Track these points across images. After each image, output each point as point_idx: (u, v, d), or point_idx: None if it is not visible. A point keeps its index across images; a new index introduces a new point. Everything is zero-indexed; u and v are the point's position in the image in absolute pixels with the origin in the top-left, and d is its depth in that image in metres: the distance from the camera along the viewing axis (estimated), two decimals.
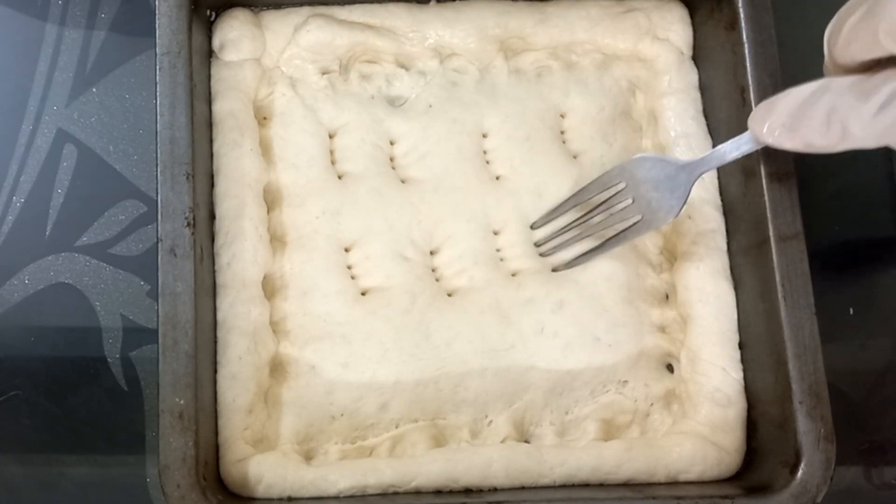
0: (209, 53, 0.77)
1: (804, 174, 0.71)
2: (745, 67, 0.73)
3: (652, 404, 0.75)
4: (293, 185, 0.76)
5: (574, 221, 0.74)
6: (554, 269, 0.75)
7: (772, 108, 0.53)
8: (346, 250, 0.76)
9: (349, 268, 0.75)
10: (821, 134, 0.51)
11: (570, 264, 0.74)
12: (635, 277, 0.76)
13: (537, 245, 0.75)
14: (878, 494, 0.80)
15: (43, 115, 0.84)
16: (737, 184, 0.75)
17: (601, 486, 0.70)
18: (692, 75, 0.80)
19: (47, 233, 0.82)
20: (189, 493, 0.64)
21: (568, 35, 0.80)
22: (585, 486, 0.70)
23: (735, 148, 0.66)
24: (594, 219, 0.72)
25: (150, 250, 0.81)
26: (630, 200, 0.70)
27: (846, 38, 0.50)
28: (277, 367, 0.73)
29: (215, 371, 0.70)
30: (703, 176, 0.77)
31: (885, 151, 0.86)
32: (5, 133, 0.83)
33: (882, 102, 0.48)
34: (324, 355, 0.72)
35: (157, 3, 0.71)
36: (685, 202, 0.68)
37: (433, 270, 0.76)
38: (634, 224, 0.70)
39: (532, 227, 0.75)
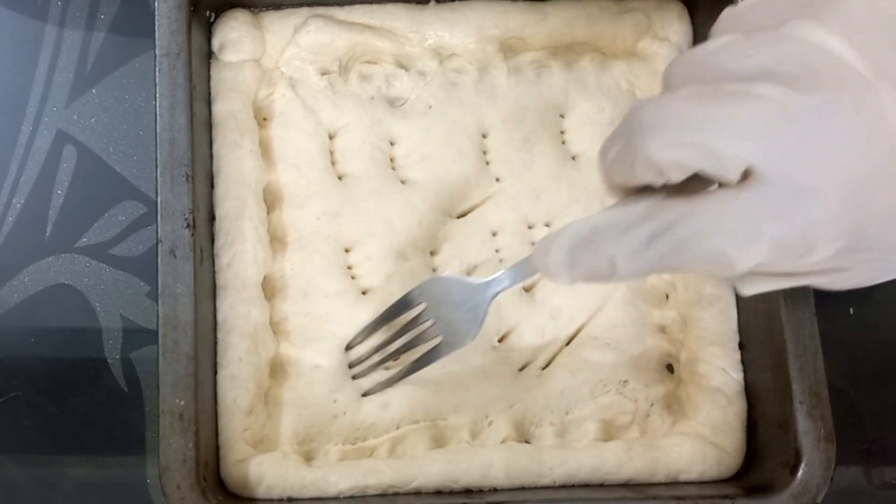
0: (209, 54, 0.77)
1: None
2: None
3: (652, 404, 0.75)
4: (293, 186, 0.76)
5: (383, 343, 0.72)
6: (364, 394, 0.72)
7: (553, 242, 0.54)
8: (347, 251, 0.76)
9: (349, 268, 0.75)
10: (594, 273, 0.52)
11: (378, 388, 0.72)
12: None
13: (350, 366, 0.73)
14: (879, 494, 0.80)
15: (42, 116, 0.84)
16: None
17: (601, 486, 0.70)
18: None
19: (47, 234, 0.82)
20: (189, 494, 0.64)
21: (567, 35, 0.80)
22: (585, 486, 0.70)
23: (523, 273, 0.64)
24: (399, 340, 0.71)
25: (149, 251, 0.81)
26: (431, 321, 0.69)
27: (611, 165, 0.52)
28: (278, 368, 0.73)
29: (215, 372, 0.70)
30: None
31: None
32: (5, 134, 0.83)
33: (645, 242, 0.49)
34: (325, 356, 0.72)
35: (156, 4, 0.71)
36: (482, 323, 0.67)
37: (433, 271, 0.76)
38: (436, 346, 0.69)
39: (346, 349, 0.73)
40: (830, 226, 0.46)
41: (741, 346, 0.74)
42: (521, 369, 0.74)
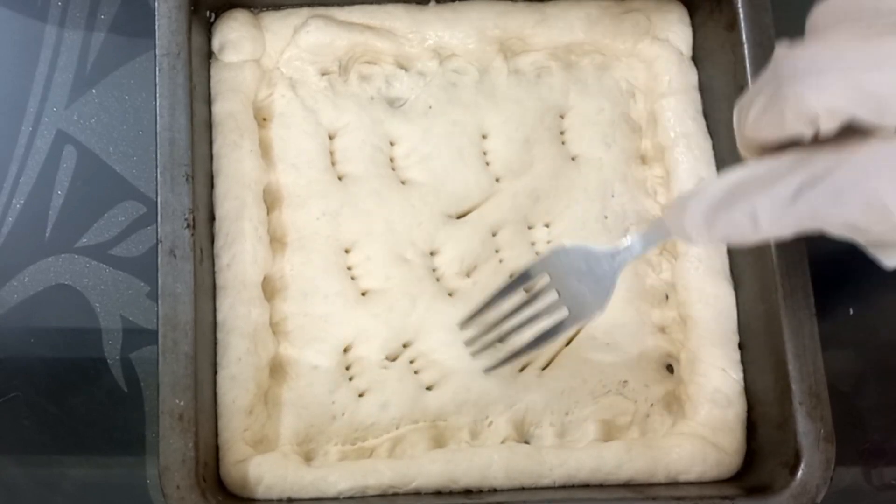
0: (209, 55, 0.77)
1: None
2: (744, 68, 0.73)
3: (652, 405, 0.75)
4: (293, 187, 0.76)
5: (503, 320, 0.70)
6: (485, 370, 0.72)
7: (689, 202, 0.52)
8: (347, 251, 0.76)
9: (349, 269, 0.75)
10: (735, 231, 0.50)
11: (500, 364, 0.71)
12: (635, 277, 0.76)
13: (467, 345, 0.72)
14: (878, 495, 0.80)
15: (42, 116, 0.84)
16: None
17: (601, 486, 0.70)
18: (692, 76, 0.80)
19: (47, 234, 0.82)
20: (189, 494, 0.64)
21: (567, 36, 0.80)
22: (585, 486, 0.70)
23: (655, 238, 0.63)
24: (522, 315, 0.68)
25: (149, 251, 0.81)
26: (556, 295, 0.67)
27: (755, 120, 0.49)
28: (277, 368, 0.73)
29: (215, 372, 0.70)
30: (703, 176, 0.77)
31: None
32: (5, 134, 0.83)
33: (795, 192, 0.47)
34: (324, 356, 0.72)
35: (156, 4, 0.71)
36: (611, 293, 0.65)
37: (433, 271, 0.76)
38: (563, 320, 0.66)
39: (459, 328, 0.72)
40: None
41: (741, 346, 0.74)
42: (521, 370, 0.74)
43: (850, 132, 0.46)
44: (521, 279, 0.68)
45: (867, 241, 0.53)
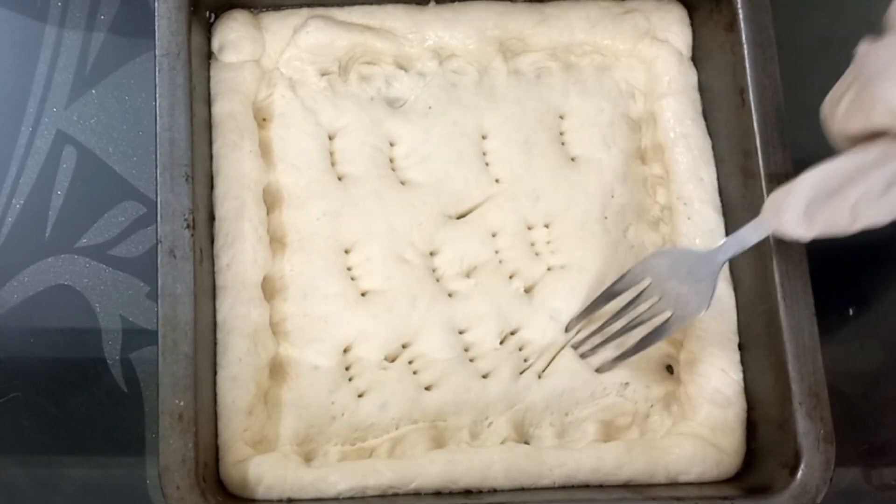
0: (208, 55, 0.77)
1: None
2: (744, 68, 0.73)
3: (652, 406, 0.75)
4: (293, 187, 0.76)
5: (608, 322, 0.72)
6: (598, 370, 0.73)
7: (787, 198, 0.54)
8: (347, 252, 0.76)
9: (349, 269, 0.75)
10: (834, 225, 0.52)
11: (611, 365, 0.72)
12: None
13: (575, 347, 0.74)
14: (878, 495, 0.80)
15: (42, 116, 0.84)
16: (736, 185, 0.75)
17: (601, 487, 0.70)
18: (691, 76, 0.80)
19: (47, 234, 0.82)
20: (189, 495, 0.64)
21: (567, 36, 0.80)
22: (585, 487, 0.70)
23: (754, 235, 0.65)
24: (626, 316, 0.71)
25: (149, 252, 0.81)
26: (657, 297, 0.69)
27: (844, 115, 0.52)
28: (277, 369, 0.73)
29: (215, 372, 0.70)
30: (703, 176, 0.77)
31: None
32: (5, 135, 0.83)
33: (887, 182, 0.49)
34: (324, 356, 0.72)
35: (156, 4, 0.71)
36: (713, 293, 0.67)
37: (433, 271, 0.76)
38: (667, 321, 0.69)
39: (566, 330, 0.74)
40: None
41: (741, 346, 0.74)
42: (522, 371, 0.74)
43: None
44: (625, 281, 0.70)
45: None
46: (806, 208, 0.53)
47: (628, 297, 0.70)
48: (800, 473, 0.67)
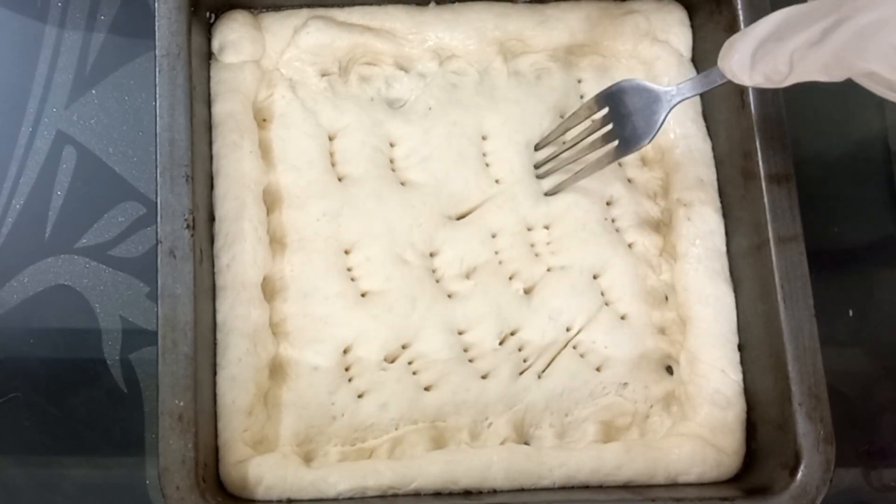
0: (208, 55, 0.77)
1: (803, 176, 0.72)
2: None
3: (651, 406, 0.75)
4: (293, 187, 0.76)
5: (564, 147, 0.76)
6: (546, 193, 0.77)
7: (738, 41, 0.55)
8: (347, 252, 0.75)
9: (349, 270, 0.75)
10: (773, 71, 0.52)
11: (557, 188, 0.77)
12: (635, 279, 0.76)
13: (536, 167, 0.78)
14: (878, 496, 0.80)
15: (42, 117, 0.84)
16: (736, 186, 0.75)
17: (600, 487, 0.70)
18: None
19: (47, 235, 0.82)
20: (188, 495, 0.64)
21: (567, 37, 0.80)
22: (585, 487, 0.70)
23: (707, 79, 0.67)
24: (579, 145, 0.75)
25: (149, 252, 0.81)
26: (611, 126, 0.72)
27: None
28: (277, 369, 0.73)
29: (215, 373, 0.70)
30: (702, 178, 0.77)
31: (884, 153, 0.87)
32: (5, 135, 0.83)
33: (823, 31, 0.48)
34: (324, 357, 0.72)
35: (156, 4, 0.71)
36: (659, 128, 0.70)
37: (433, 272, 0.76)
38: (612, 149, 0.72)
39: (535, 149, 0.78)
40: None
41: (740, 347, 0.74)
42: (521, 371, 0.74)
43: None
44: (587, 108, 0.73)
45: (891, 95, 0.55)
46: (753, 53, 0.53)
47: (586, 125, 0.74)
48: (800, 474, 0.67)
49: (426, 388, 0.73)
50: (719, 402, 0.73)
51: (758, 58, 0.53)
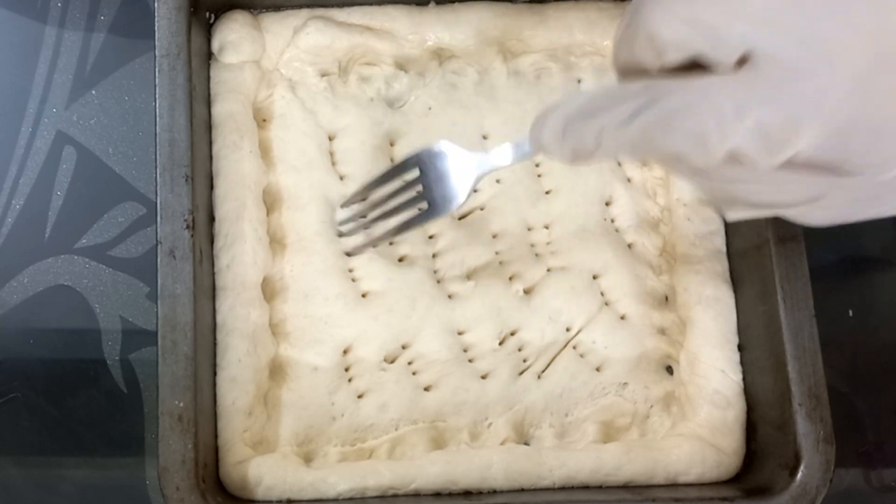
0: (208, 55, 0.77)
1: None
2: None
3: (651, 406, 0.75)
4: (293, 188, 0.76)
5: (373, 207, 0.73)
6: (347, 253, 0.74)
7: (549, 115, 0.53)
8: (349, 254, 0.75)
9: (350, 270, 0.75)
10: (581, 147, 0.51)
11: (360, 249, 0.74)
12: (635, 279, 0.76)
13: (339, 225, 0.75)
14: (878, 497, 0.80)
15: (42, 117, 0.84)
16: None
17: (600, 487, 0.70)
18: None
19: (46, 235, 0.82)
20: (188, 496, 0.64)
21: (567, 37, 0.80)
22: (585, 488, 0.70)
23: (517, 150, 0.64)
24: (389, 204, 0.72)
25: (149, 252, 0.81)
26: (421, 188, 0.69)
27: (616, 45, 0.51)
28: (277, 370, 0.73)
29: (214, 373, 0.70)
30: None
31: None
32: (4, 135, 0.83)
33: (632, 113, 0.48)
34: (324, 357, 0.72)
35: (156, 5, 0.71)
36: (468, 195, 0.67)
37: (434, 273, 0.76)
38: (421, 213, 0.70)
39: (340, 206, 0.75)
40: (819, 111, 0.45)
41: (740, 347, 0.74)
42: (521, 371, 0.74)
43: (699, 66, 0.47)
44: (397, 169, 0.70)
45: (711, 194, 0.55)
46: (562, 127, 0.52)
47: (395, 185, 0.71)
48: (800, 474, 0.67)
49: (426, 389, 0.73)
50: (719, 402, 0.73)
51: (567, 133, 0.52)
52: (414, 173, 0.69)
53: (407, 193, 0.70)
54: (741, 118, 0.45)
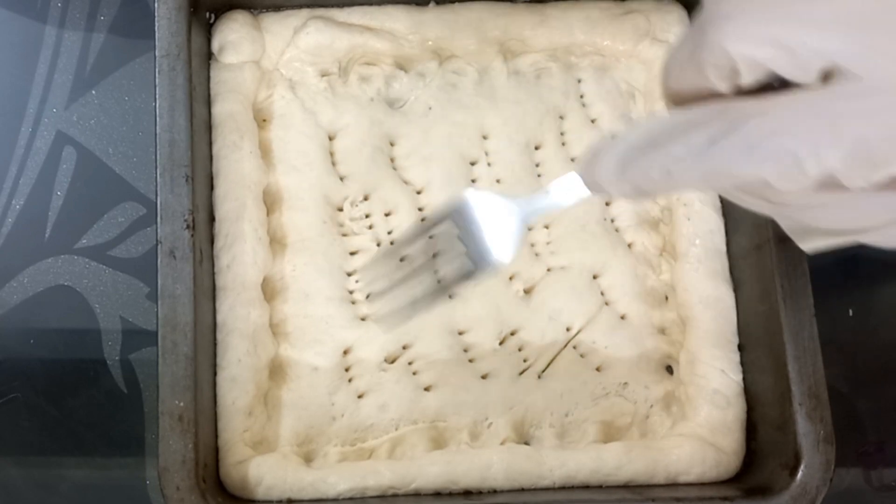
0: (208, 56, 0.77)
1: None
2: None
3: (651, 406, 0.75)
4: (294, 188, 0.76)
5: (407, 267, 0.65)
6: (383, 325, 0.68)
7: (598, 159, 0.50)
8: (351, 254, 0.75)
9: (351, 274, 0.75)
10: (646, 182, 0.48)
11: (399, 317, 0.64)
12: (635, 279, 0.76)
13: (360, 294, 0.71)
14: (878, 496, 0.80)
15: (42, 117, 0.84)
16: None
17: (601, 487, 0.70)
18: None
19: (46, 235, 0.82)
20: (188, 496, 0.64)
21: (567, 37, 0.80)
22: (585, 487, 0.70)
23: (567, 198, 0.56)
24: (425, 264, 0.64)
25: (149, 252, 0.81)
26: (461, 244, 0.61)
27: (678, 73, 0.48)
28: (277, 370, 0.73)
29: (215, 373, 0.70)
30: None
31: None
32: (4, 135, 0.83)
33: (710, 139, 0.45)
34: (324, 358, 0.72)
35: (156, 5, 0.71)
36: (518, 246, 0.59)
37: (435, 272, 0.76)
38: (467, 271, 0.61)
39: (357, 277, 0.72)
40: None
41: (740, 347, 0.74)
42: (521, 371, 0.74)
43: (774, 87, 0.45)
44: (427, 226, 0.62)
45: (787, 226, 0.52)
46: (619, 164, 0.48)
47: (426, 242, 0.63)
48: (800, 474, 0.67)
49: (426, 389, 0.73)
50: (719, 402, 0.73)
51: (628, 169, 0.48)
52: (449, 227, 0.61)
53: (446, 254, 0.62)
54: (838, 136, 0.42)
